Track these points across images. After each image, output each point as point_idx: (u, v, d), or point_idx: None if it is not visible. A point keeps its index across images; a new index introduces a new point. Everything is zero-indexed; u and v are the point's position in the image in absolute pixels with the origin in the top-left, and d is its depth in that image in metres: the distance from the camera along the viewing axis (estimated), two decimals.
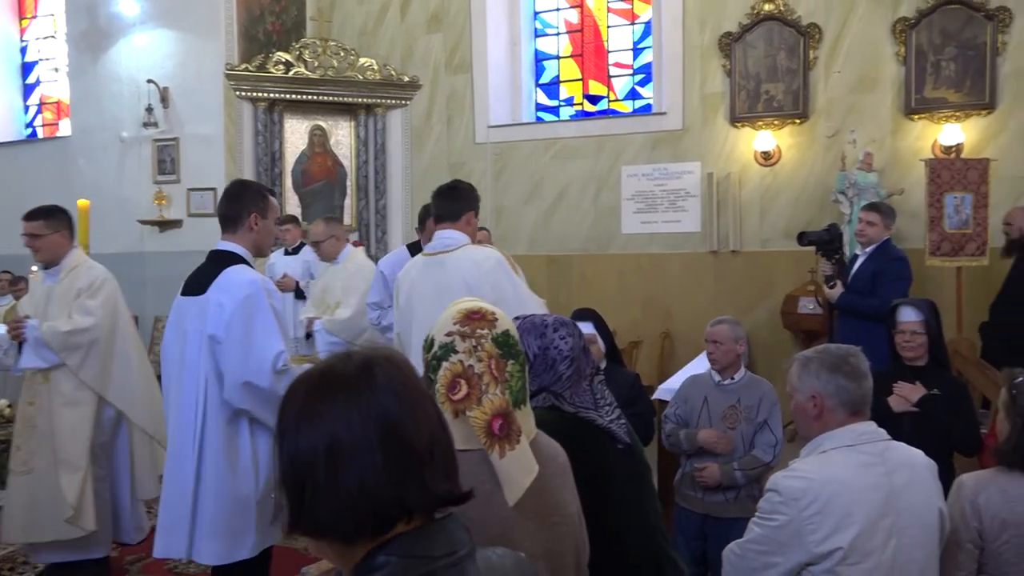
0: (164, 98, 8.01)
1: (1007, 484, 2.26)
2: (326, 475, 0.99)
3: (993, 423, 2.62)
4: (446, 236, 3.50)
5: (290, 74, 8.01)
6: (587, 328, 3.48)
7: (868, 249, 4.73)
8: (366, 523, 1.00)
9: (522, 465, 1.60)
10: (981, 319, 6.23)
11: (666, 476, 3.92)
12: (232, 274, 2.93)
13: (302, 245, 7.07)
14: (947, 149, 6.56)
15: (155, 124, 8.03)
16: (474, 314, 1.64)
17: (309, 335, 5.15)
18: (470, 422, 1.57)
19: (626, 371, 3.79)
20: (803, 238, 4.90)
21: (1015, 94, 6.49)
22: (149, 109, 7.99)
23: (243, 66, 7.88)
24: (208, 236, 7.62)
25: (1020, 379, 2.36)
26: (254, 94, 7.94)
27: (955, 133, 6.58)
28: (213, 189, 7.89)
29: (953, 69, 6.59)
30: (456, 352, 1.59)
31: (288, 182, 8.26)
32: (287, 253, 6.98)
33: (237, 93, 7.87)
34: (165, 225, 8.08)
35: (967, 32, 6.55)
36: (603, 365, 3.48)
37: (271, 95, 7.99)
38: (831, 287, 4.64)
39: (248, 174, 8.01)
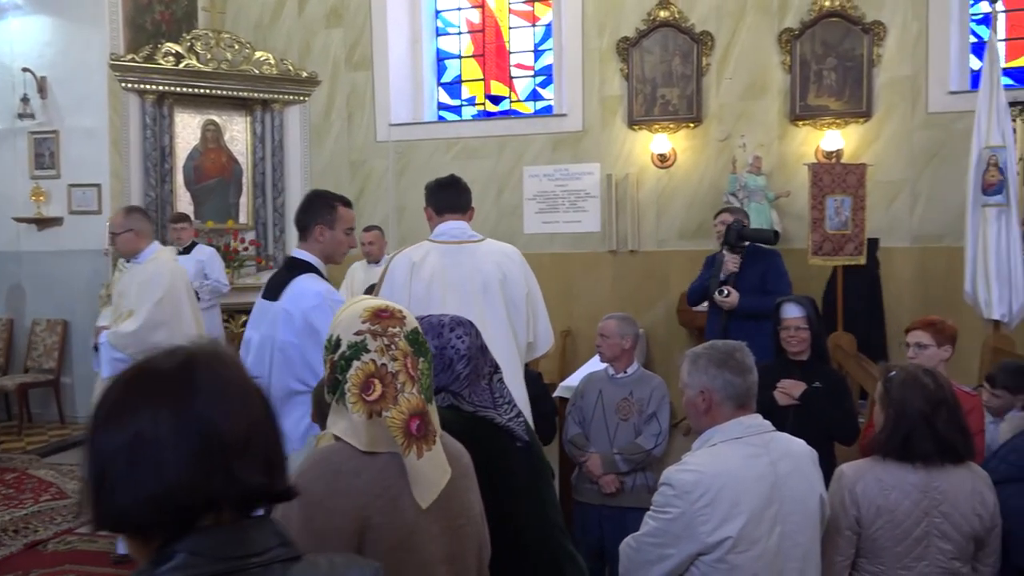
0: (42, 88, 7.54)
1: (882, 473, 2.40)
2: (125, 469, 0.98)
3: (871, 414, 2.79)
4: (461, 227, 3.48)
5: (181, 66, 7.69)
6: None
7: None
8: (165, 517, 0.99)
9: (438, 466, 1.59)
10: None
11: (568, 474, 3.99)
12: (302, 283, 2.98)
13: (194, 244, 6.82)
14: (828, 154, 6.93)
15: (31, 115, 7.55)
16: (383, 312, 1.61)
17: (97, 347, 4.48)
18: (386, 422, 1.53)
19: (529, 370, 3.84)
20: (737, 234, 4.62)
21: (889, 103, 6.92)
22: (25, 99, 7.51)
23: (129, 56, 7.52)
24: (92, 235, 7.34)
25: (893, 373, 2.51)
26: (141, 86, 7.58)
27: (836, 139, 6.95)
28: (97, 185, 7.49)
29: (834, 79, 6.96)
30: (368, 351, 1.55)
31: (179, 179, 7.93)
32: (178, 253, 6.71)
33: (123, 85, 7.50)
34: (44, 223, 7.61)
35: (846, 44, 6.94)
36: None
37: (160, 87, 7.65)
38: (726, 295, 4.52)
39: (135, 169, 7.65)
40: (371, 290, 4.72)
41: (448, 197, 3.55)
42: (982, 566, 2.48)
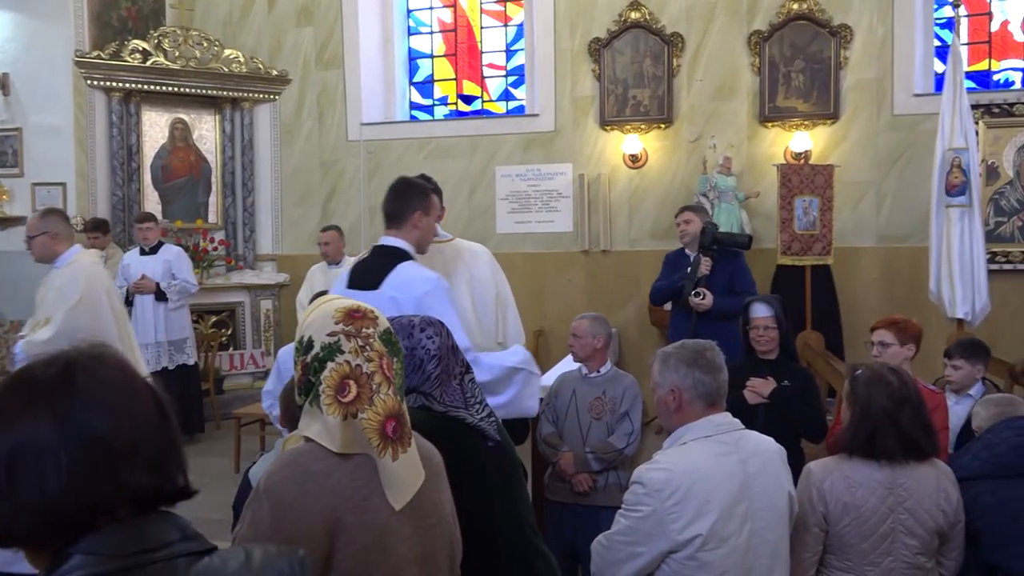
0: (4, 85, 7.39)
1: (849, 470, 2.44)
2: (6, 483, 0.97)
3: (838, 412, 2.82)
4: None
5: (148, 63, 7.58)
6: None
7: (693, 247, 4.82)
8: (52, 528, 0.98)
9: (412, 468, 1.59)
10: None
11: (541, 473, 4.00)
12: (407, 270, 2.89)
13: (161, 244, 6.73)
14: (797, 155, 7.01)
15: None
16: (355, 312, 1.59)
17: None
18: (362, 424, 1.52)
19: None
20: (712, 238, 4.64)
21: (855, 105, 7.02)
22: None
23: (95, 53, 7.40)
24: None
25: (859, 371, 2.55)
26: (108, 83, 7.46)
27: (804, 140, 7.04)
28: (62, 184, 7.36)
29: (802, 81, 7.05)
30: (342, 352, 1.54)
31: (147, 178, 7.82)
32: (143, 253, 6.62)
33: (88, 82, 7.37)
34: (6, 222, 7.46)
35: (814, 46, 7.03)
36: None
37: (127, 85, 7.54)
38: (702, 298, 4.54)
39: (101, 168, 7.53)
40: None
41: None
42: (946, 560, 2.53)
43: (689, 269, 4.70)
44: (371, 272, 2.94)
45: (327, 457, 1.53)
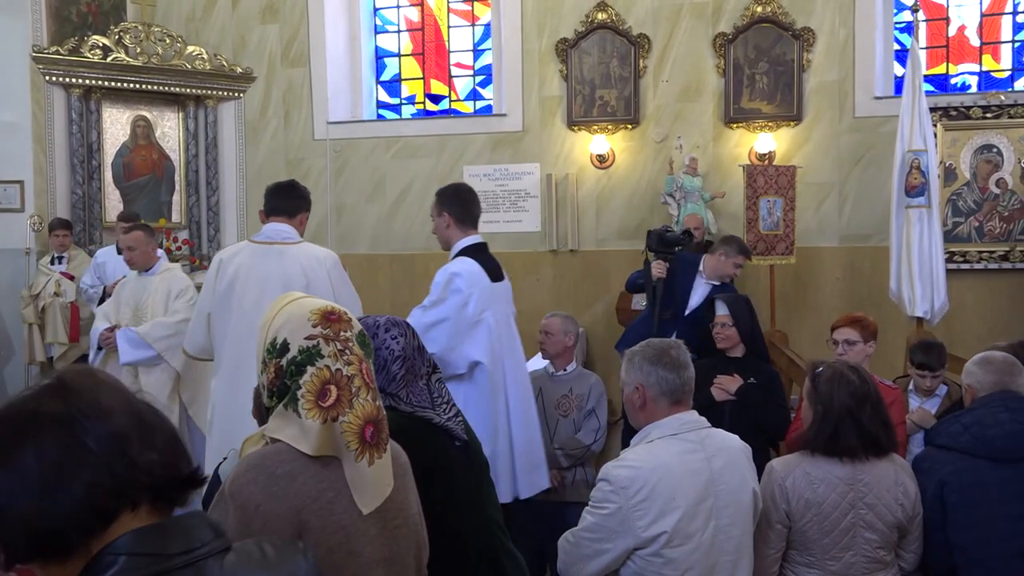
0: None
1: (811, 467, 2.48)
2: (32, 504, 0.97)
3: (799, 409, 2.86)
4: (282, 229, 3.58)
5: (108, 60, 7.44)
6: None
7: None
8: (86, 521, 0.98)
9: (384, 475, 1.58)
10: (792, 313, 6.81)
11: None
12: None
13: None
14: (761, 156, 7.10)
15: None
16: (331, 315, 1.57)
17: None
18: (342, 427, 1.51)
19: None
20: (659, 238, 4.71)
21: (818, 108, 7.13)
22: None
23: (53, 49, 7.24)
24: (13, 233, 7.03)
25: (820, 369, 2.59)
26: (67, 80, 7.31)
27: (768, 142, 7.13)
28: (20, 182, 7.19)
29: (766, 83, 7.14)
30: (322, 357, 1.52)
31: (108, 176, 7.67)
32: (120, 252, 6.45)
33: (46, 78, 7.22)
34: None
35: (777, 49, 7.12)
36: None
37: (87, 81, 7.39)
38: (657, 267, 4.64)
39: (61, 166, 7.37)
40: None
41: (275, 200, 3.69)
42: (905, 552, 2.58)
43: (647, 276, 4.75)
44: (495, 265, 3.56)
45: (293, 459, 1.52)
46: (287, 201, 3.66)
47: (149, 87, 7.70)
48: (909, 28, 6.59)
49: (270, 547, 1.11)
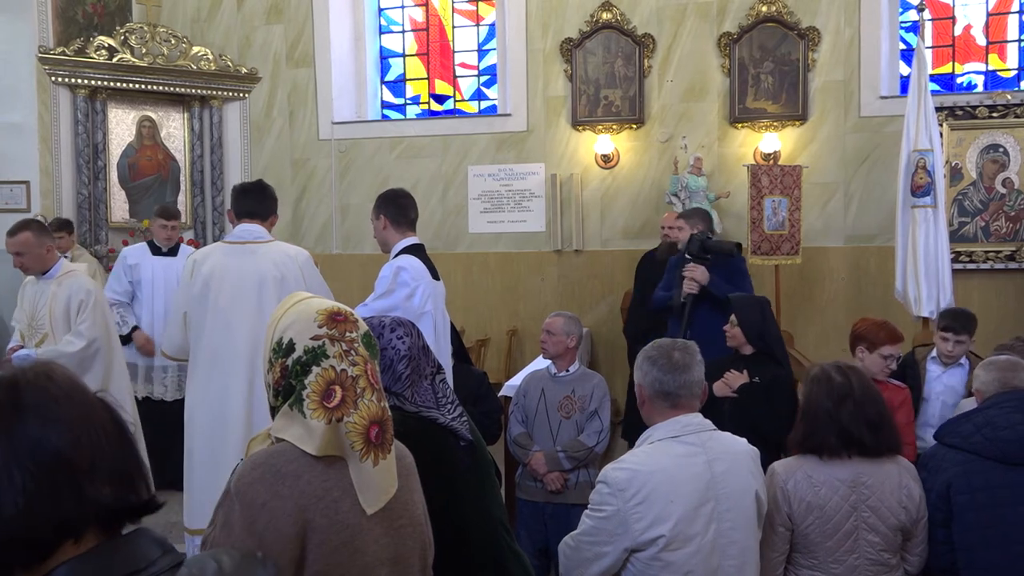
0: None
1: (811, 470, 2.47)
2: None
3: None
4: (253, 229, 3.62)
5: (114, 60, 7.46)
6: None
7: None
8: (14, 555, 0.91)
9: (389, 476, 1.58)
10: (797, 313, 6.80)
11: (513, 472, 4.01)
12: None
13: (178, 246, 6.31)
14: (766, 156, 7.09)
15: None
16: (337, 316, 1.58)
17: None
18: (347, 427, 1.51)
19: (474, 370, 3.87)
20: (700, 246, 4.39)
21: (823, 107, 7.12)
22: None
23: (59, 49, 7.26)
24: None
25: (814, 372, 2.59)
26: (73, 80, 7.33)
27: (773, 141, 7.12)
28: (25, 182, 7.21)
29: (771, 82, 7.13)
30: (327, 357, 1.52)
31: (113, 176, 7.69)
32: (158, 252, 6.35)
33: (52, 79, 7.24)
34: None
35: (783, 48, 7.11)
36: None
37: (93, 82, 7.41)
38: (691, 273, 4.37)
39: (67, 166, 7.39)
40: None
41: (247, 202, 3.71)
42: (910, 556, 2.57)
43: (678, 281, 4.44)
44: (431, 265, 3.57)
45: (297, 459, 1.52)
46: (259, 204, 3.70)
47: (154, 88, 7.71)
48: (915, 27, 6.57)
49: (227, 559, 1.06)
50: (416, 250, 3.58)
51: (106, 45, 7.46)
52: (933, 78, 6.73)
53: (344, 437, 1.51)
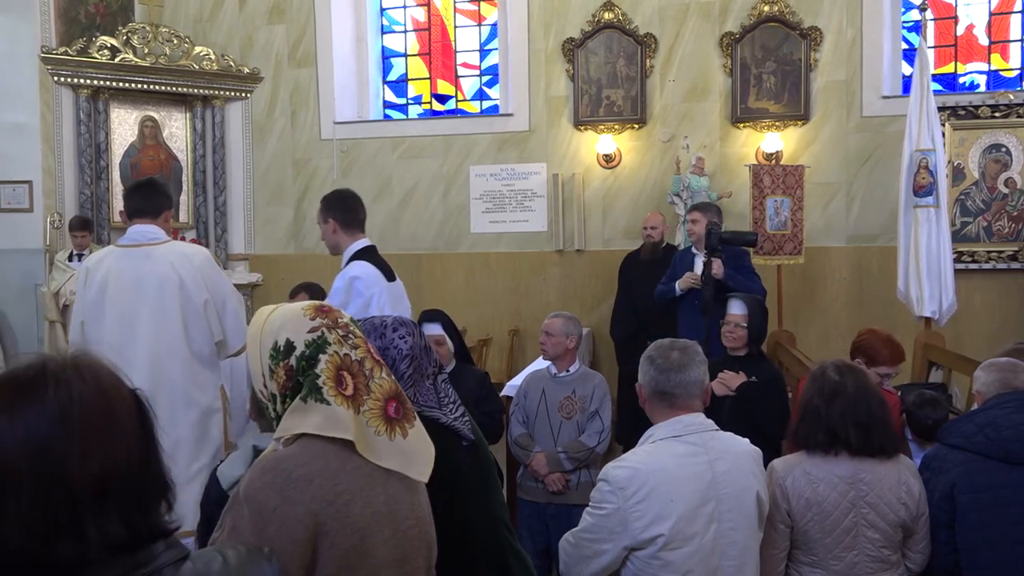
0: None
1: (810, 467, 2.48)
2: None
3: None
4: (146, 230, 3.54)
5: (116, 60, 7.47)
6: (435, 329, 3.51)
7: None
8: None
9: (423, 439, 1.60)
10: (799, 313, 6.79)
11: (514, 472, 4.01)
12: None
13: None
14: (768, 156, 7.08)
15: None
16: (322, 307, 1.60)
17: None
18: (365, 416, 1.52)
19: (475, 370, 3.86)
20: (719, 239, 4.36)
21: (825, 107, 7.11)
22: None
23: (62, 49, 7.28)
24: (23, 233, 7.06)
25: (814, 369, 2.60)
26: (75, 80, 7.35)
27: (775, 141, 7.11)
28: (28, 182, 7.23)
29: (773, 82, 7.12)
30: (329, 344, 1.53)
31: (115, 176, 7.71)
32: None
33: (55, 79, 7.25)
34: None
35: (785, 48, 7.11)
36: (451, 366, 3.54)
37: (95, 82, 7.43)
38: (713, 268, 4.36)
39: (69, 166, 7.41)
40: None
41: (136, 200, 3.65)
42: (912, 553, 2.57)
43: (702, 276, 4.48)
44: (388, 267, 3.57)
45: (307, 463, 1.51)
46: (148, 201, 3.57)
47: (157, 87, 7.73)
48: (917, 27, 6.57)
49: (233, 554, 1.04)
50: (367, 253, 3.51)
51: (108, 45, 7.48)
52: (935, 78, 6.72)
53: (366, 427, 1.52)
